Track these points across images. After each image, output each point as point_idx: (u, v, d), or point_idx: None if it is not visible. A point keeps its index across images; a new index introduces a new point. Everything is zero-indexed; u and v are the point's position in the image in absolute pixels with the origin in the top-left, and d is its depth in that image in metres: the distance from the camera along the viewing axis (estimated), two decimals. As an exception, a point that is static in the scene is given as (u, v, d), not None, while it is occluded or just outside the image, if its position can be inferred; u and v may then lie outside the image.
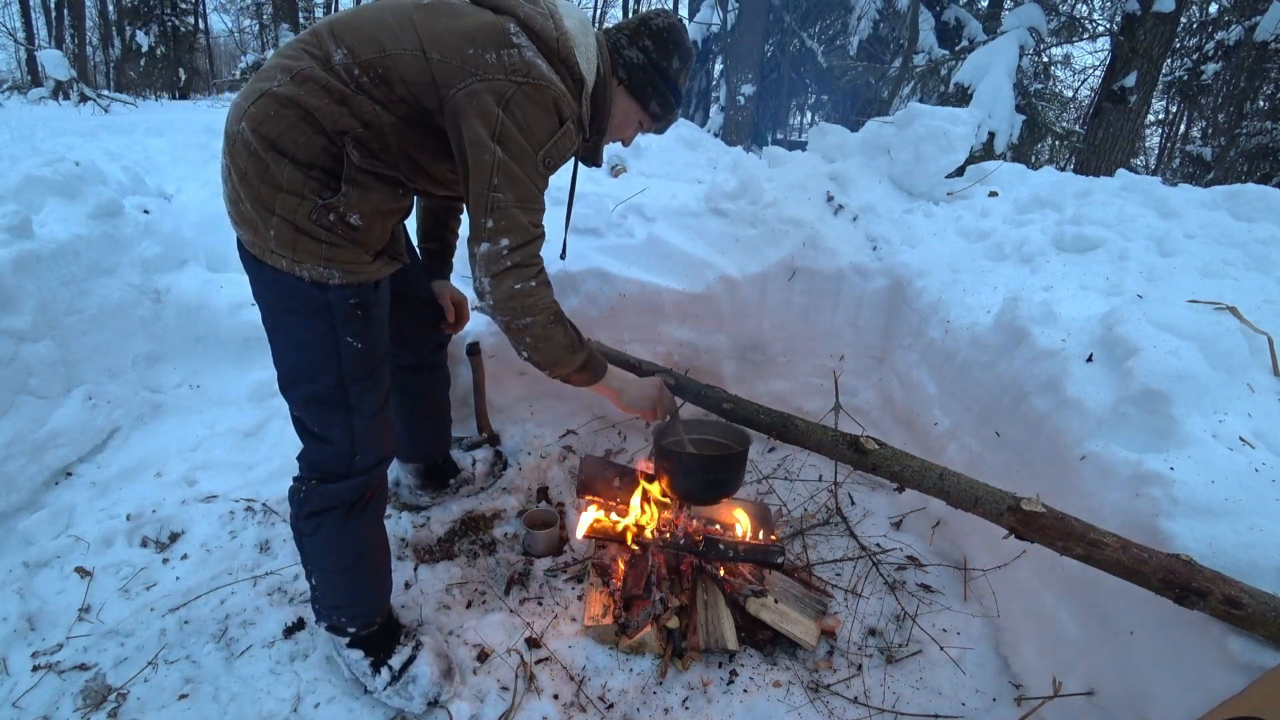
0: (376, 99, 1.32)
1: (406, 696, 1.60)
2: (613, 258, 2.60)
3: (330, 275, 1.37)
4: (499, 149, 1.31)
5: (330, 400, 1.47)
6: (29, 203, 2.46)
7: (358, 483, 1.54)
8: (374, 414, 1.53)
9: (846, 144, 3.22)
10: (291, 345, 1.46)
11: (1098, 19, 7.61)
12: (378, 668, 1.62)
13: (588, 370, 1.63)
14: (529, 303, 1.43)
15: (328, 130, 1.30)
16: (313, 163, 1.31)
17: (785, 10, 11.20)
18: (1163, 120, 15.43)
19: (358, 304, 1.43)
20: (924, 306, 2.41)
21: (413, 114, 1.35)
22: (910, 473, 1.52)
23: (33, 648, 1.69)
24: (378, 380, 1.53)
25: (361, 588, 1.62)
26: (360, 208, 1.35)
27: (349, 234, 1.36)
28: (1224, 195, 2.48)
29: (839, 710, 1.67)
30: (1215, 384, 1.54)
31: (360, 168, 1.33)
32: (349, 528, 1.55)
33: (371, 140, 1.34)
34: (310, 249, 1.34)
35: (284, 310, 1.44)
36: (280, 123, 1.29)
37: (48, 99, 10.22)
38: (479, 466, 2.35)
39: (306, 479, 1.55)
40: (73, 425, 2.22)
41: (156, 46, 16.55)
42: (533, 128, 1.33)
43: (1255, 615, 1.12)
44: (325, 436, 1.50)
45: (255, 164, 1.31)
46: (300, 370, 1.47)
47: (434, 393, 2.16)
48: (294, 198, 1.31)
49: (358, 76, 1.31)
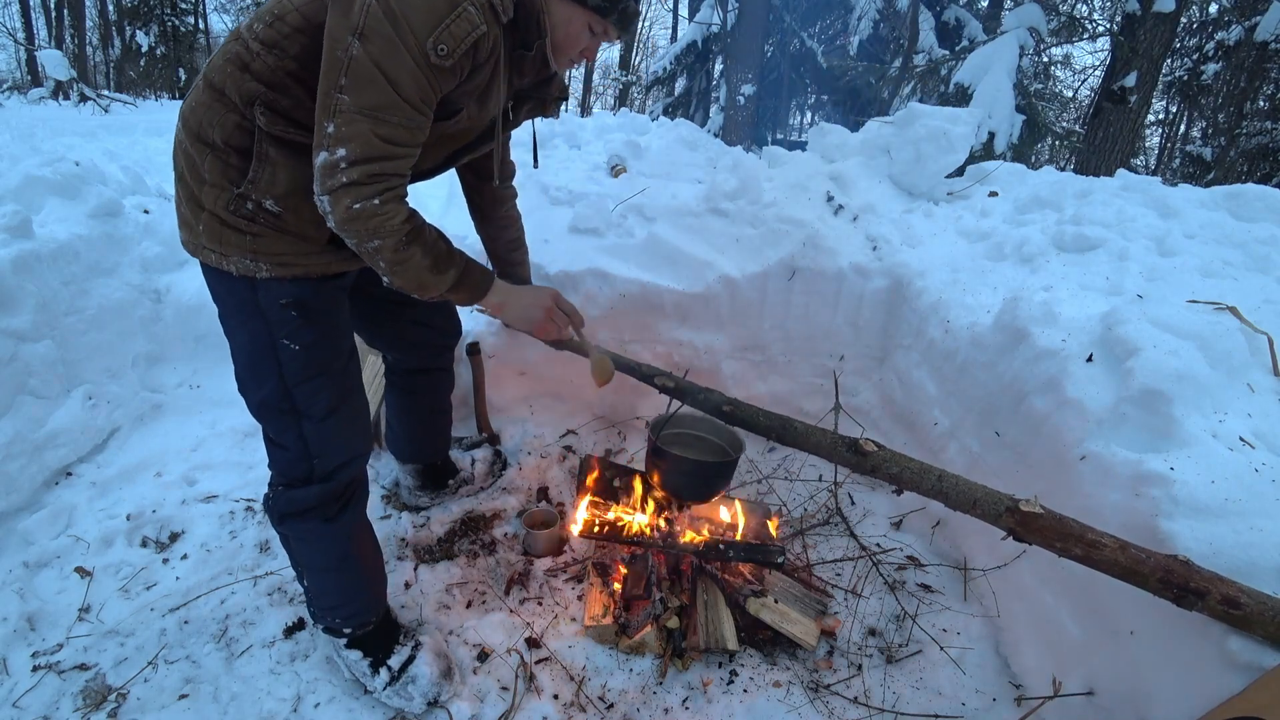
0: (271, 43, 1.24)
1: (406, 696, 1.59)
2: (613, 258, 2.60)
3: (257, 268, 1.32)
4: (357, 43, 1.13)
5: (276, 405, 1.42)
6: (29, 203, 2.46)
7: (322, 489, 1.48)
8: (326, 416, 1.45)
9: (846, 144, 3.22)
10: (237, 349, 1.44)
11: (1098, 19, 7.62)
12: (377, 668, 1.61)
13: (464, 289, 1.44)
14: (373, 224, 1.23)
15: (237, 103, 1.25)
16: (228, 144, 1.27)
17: (785, 10, 11.20)
18: (1163, 120, 15.42)
19: (290, 304, 1.36)
20: (924, 306, 2.41)
21: (307, 45, 1.23)
22: (909, 475, 1.51)
23: (33, 648, 1.69)
24: (329, 381, 1.45)
25: (353, 588, 1.60)
26: (273, 190, 1.29)
27: (271, 221, 1.31)
28: (1224, 195, 2.48)
29: (839, 710, 1.67)
30: (1215, 384, 1.54)
31: (269, 134, 1.26)
32: (329, 529, 1.52)
33: (279, 100, 1.25)
34: (235, 241, 1.30)
35: (226, 313, 1.43)
36: (200, 110, 1.28)
37: (48, 99, 10.21)
38: (478, 466, 2.34)
39: (275, 484, 1.52)
40: (73, 425, 2.22)
41: (156, 46, 16.55)
42: (410, 15, 1.13)
43: (1253, 615, 1.12)
44: (279, 442, 1.47)
45: (187, 161, 1.31)
46: (245, 375, 1.44)
47: (436, 396, 2.14)
48: (215, 189, 1.28)
49: (255, 30, 1.25)
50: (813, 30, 11.97)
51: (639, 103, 16.57)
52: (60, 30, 18.17)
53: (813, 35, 11.87)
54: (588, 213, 2.68)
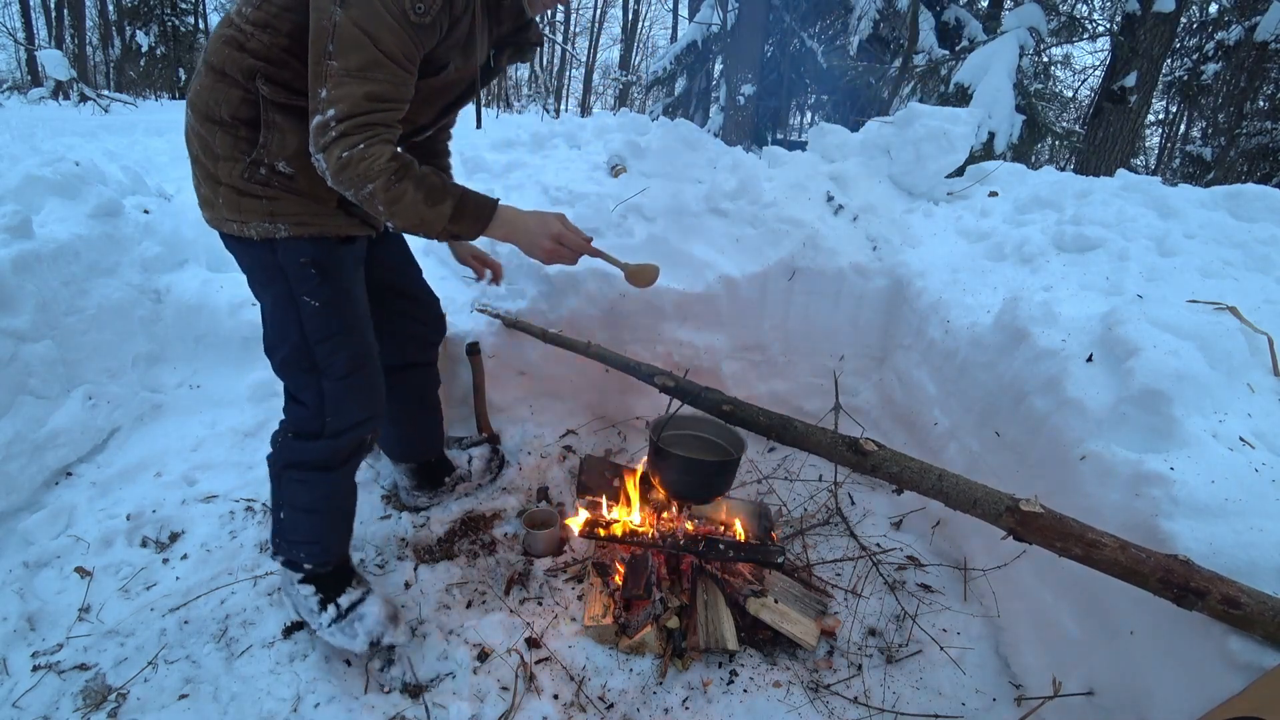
0: (263, 24, 1.31)
1: (350, 634, 1.65)
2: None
3: (276, 229, 1.40)
4: (339, 10, 1.21)
5: (298, 363, 1.52)
6: (29, 203, 2.46)
7: (330, 444, 1.58)
8: (345, 375, 1.54)
9: (846, 144, 3.22)
10: (265, 313, 1.54)
11: (1098, 19, 7.62)
12: (324, 605, 1.67)
13: (465, 219, 1.44)
14: (362, 168, 1.29)
15: (239, 80, 1.33)
16: (236, 118, 1.34)
17: (785, 10, 11.20)
18: (1163, 120, 15.43)
19: (309, 262, 1.44)
20: (924, 306, 2.41)
21: (297, 23, 1.30)
22: (909, 474, 1.51)
23: (33, 648, 1.69)
24: (348, 341, 1.53)
25: (325, 528, 1.69)
26: (285, 152, 1.36)
27: (286, 184, 1.39)
28: (1224, 195, 2.47)
29: (839, 710, 1.67)
30: (1215, 384, 1.54)
31: (273, 103, 1.34)
32: (325, 477, 1.63)
33: (278, 73, 1.33)
34: (252, 207, 1.38)
35: (252, 279, 1.51)
36: (205, 92, 1.35)
37: (48, 99, 10.22)
38: (475, 463, 2.34)
39: (285, 431, 1.62)
40: (73, 425, 2.22)
41: (156, 46, 16.56)
42: None
43: (1254, 615, 1.12)
44: (299, 398, 1.57)
45: (200, 142, 1.38)
46: (271, 335, 1.54)
47: (424, 393, 2.14)
48: (229, 162, 1.36)
49: (244, 12, 1.33)
50: (813, 30, 11.96)
51: (639, 103, 16.58)
52: (60, 30, 18.18)
53: (813, 35, 11.87)
54: (588, 213, 2.68)
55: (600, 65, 25.56)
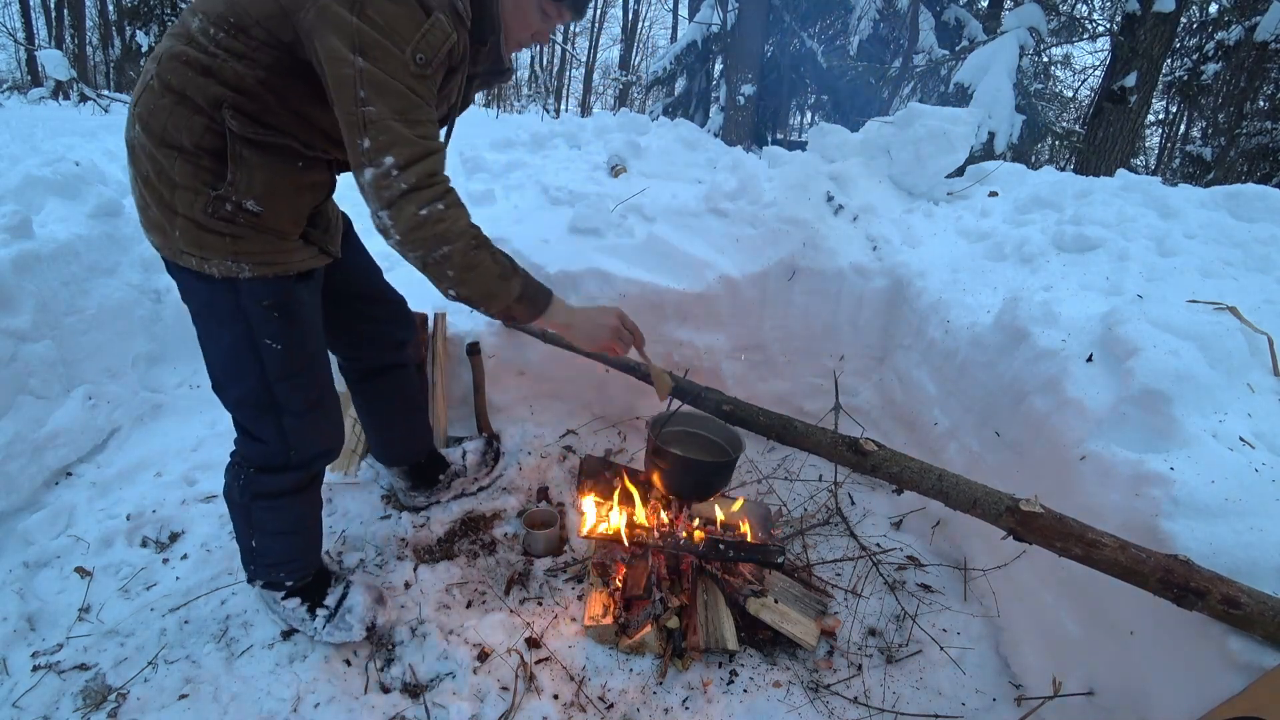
0: (238, 54, 1.23)
1: (346, 627, 1.68)
2: (613, 258, 2.60)
3: (240, 269, 1.33)
4: (360, 59, 1.15)
5: (256, 402, 1.47)
6: (29, 203, 2.46)
7: (297, 475, 1.58)
8: (305, 411, 1.52)
9: (846, 144, 3.22)
10: (215, 349, 1.47)
11: (1098, 19, 7.62)
12: (314, 611, 1.69)
13: (528, 300, 1.44)
14: (441, 229, 1.24)
15: (204, 106, 1.23)
16: (199, 147, 1.26)
17: (785, 10, 11.19)
18: (1163, 120, 15.43)
19: (272, 305, 1.39)
20: (924, 306, 2.41)
21: (279, 58, 1.24)
22: (909, 474, 1.52)
23: (33, 648, 1.69)
24: (308, 379, 1.51)
25: (303, 546, 1.72)
26: (253, 190, 1.29)
27: (252, 221, 1.31)
28: (1224, 195, 2.47)
29: (839, 710, 1.67)
30: (1215, 384, 1.54)
31: (243, 138, 1.25)
32: (297, 499, 1.63)
33: (248, 104, 1.25)
34: (215, 244, 1.30)
35: (205, 315, 1.44)
36: (161, 114, 1.25)
37: (48, 99, 10.21)
38: (469, 458, 2.32)
39: (246, 467, 1.58)
40: (73, 425, 2.22)
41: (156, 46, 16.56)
42: (395, 26, 1.17)
43: (1254, 615, 1.12)
44: (258, 436, 1.52)
45: (152, 164, 1.29)
46: (225, 373, 1.48)
47: (404, 392, 2.07)
48: (188, 192, 1.27)
49: (214, 36, 1.23)
50: (813, 30, 11.95)
51: (639, 103, 16.57)
52: (60, 30, 18.17)
53: (813, 35, 11.86)
54: (588, 213, 2.68)
55: (600, 65, 25.56)
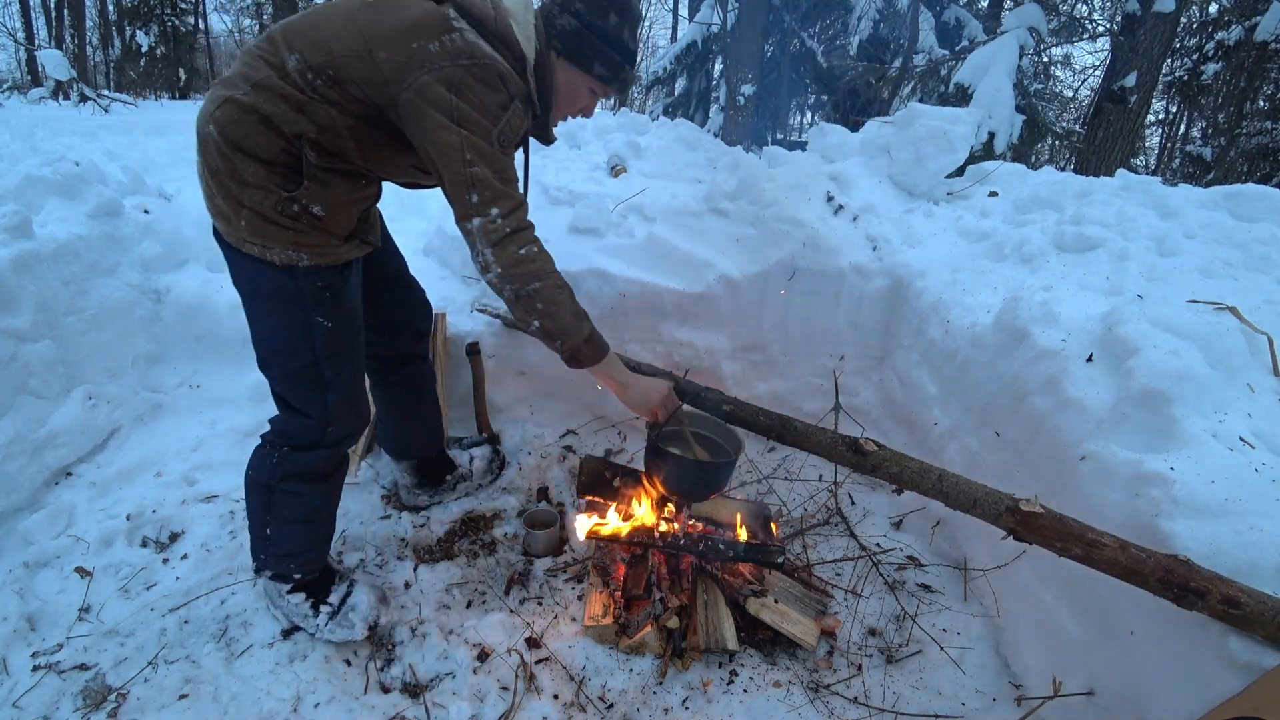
0: (331, 101, 1.38)
1: (348, 625, 1.72)
2: (613, 258, 2.60)
3: (299, 257, 1.46)
4: (463, 130, 1.35)
5: (306, 377, 1.58)
6: (29, 203, 2.46)
7: (327, 453, 1.67)
8: (348, 388, 1.64)
9: (846, 144, 3.22)
10: (268, 327, 1.58)
11: (1098, 19, 7.62)
12: (317, 608, 1.73)
13: (594, 344, 1.61)
14: (534, 267, 1.47)
15: (286, 134, 1.37)
16: (274, 160, 1.39)
17: (785, 10, 11.19)
18: (1163, 120, 15.41)
19: (325, 286, 1.52)
20: (924, 306, 2.41)
21: (368, 113, 1.40)
22: (909, 474, 1.52)
23: (33, 648, 1.69)
24: (350, 359, 1.64)
25: (316, 537, 1.75)
26: (323, 200, 1.44)
27: (314, 222, 1.45)
28: (1224, 195, 2.48)
29: (839, 710, 1.67)
30: (1215, 384, 1.54)
31: (319, 166, 1.41)
32: (320, 486, 1.70)
33: (329, 142, 1.40)
34: (278, 235, 1.43)
35: (260, 295, 1.54)
36: (242, 127, 1.37)
37: (48, 99, 10.21)
38: (476, 463, 2.34)
39: (278, 445, 1.65)
40: (73, 425, 2.22)
41: (156, 46, 16.56)
42: (487, 105, 1.38)
43: (1254, 615, 1.12)
44: (302, 410, 1.61)
45: (224, 162, 1.40)
46: (277, 350, 1.58)
47: (420, 386, 2.14)
48: (260, 191, 1.39)
49: (311, 80, 1.37)
50: (813, 30, 11.95)
51: (639, 103, 16.55)
52: (60, 30, 18.17)
53: (813, 35, 11.86)
54: (588, 213, 2.68)
55: (600, 65, 25.48)
